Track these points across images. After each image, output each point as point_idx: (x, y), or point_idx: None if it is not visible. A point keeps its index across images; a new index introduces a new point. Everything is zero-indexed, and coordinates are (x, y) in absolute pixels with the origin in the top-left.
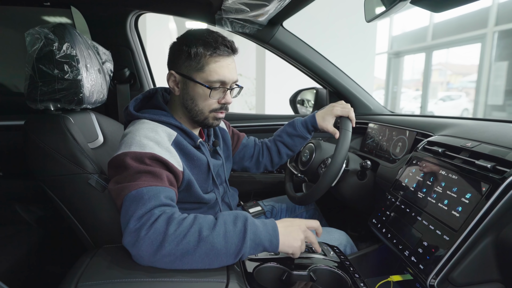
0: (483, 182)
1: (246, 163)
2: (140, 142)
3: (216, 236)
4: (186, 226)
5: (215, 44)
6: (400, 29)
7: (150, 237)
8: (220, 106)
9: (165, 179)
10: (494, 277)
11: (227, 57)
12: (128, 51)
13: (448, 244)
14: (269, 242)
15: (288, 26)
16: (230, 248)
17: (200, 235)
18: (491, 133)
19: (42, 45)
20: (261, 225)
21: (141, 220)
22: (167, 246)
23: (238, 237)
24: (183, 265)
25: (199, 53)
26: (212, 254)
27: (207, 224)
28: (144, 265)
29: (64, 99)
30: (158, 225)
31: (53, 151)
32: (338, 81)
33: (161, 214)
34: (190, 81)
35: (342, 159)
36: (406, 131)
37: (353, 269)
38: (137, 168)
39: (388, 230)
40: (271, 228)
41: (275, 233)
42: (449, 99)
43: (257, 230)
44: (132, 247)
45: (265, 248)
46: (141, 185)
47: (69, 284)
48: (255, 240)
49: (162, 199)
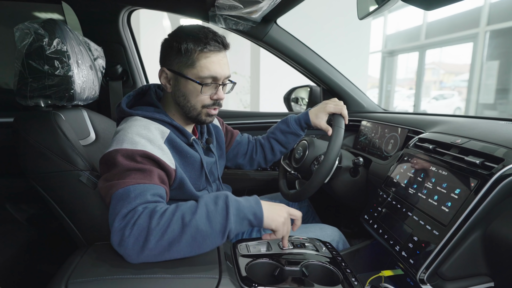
0: (472, 178)
1: (240, 160)
2: (132, 139)
3: (199, 218)
4: (169, 215)
5: (205, 39)
6: (394, 28)
7: (134, 235)
8: (213, 102)
9: (155, 176)
10: (482, 271)
11: (218, 52)
12: (121, 47)
13: (438, 239)
14: (253, 215)
15: (282, 24)
16: (216, 228)
17: (183, 221)
18: (480, 130)
19: (31, 40)
20: (243, 200)
21: (126, 219)
22: (152, 239)
23: (221, 215)
24: (172, 254)
25: (189, 49)
26: (199, 237)
27: (188, 209)
28: (135, 263)
29: (54, 95)
30: (141, 221)
31: (44, 148)
32: (332, 79)
33: (144, 210)
34: (181, 78)
35: (334, 156)
36: (398, 128)
37: (345, 264)
38: (127, 165)
39: (380, 226)
40: (254, 202)
41: (258, 206)
42: (442, 98)
43: (239, 205)
44: (118, 246)
45: (251, 222)
46: (128, 183)
47: (59, 282)
48: (239, 215)
49: (148, 197)
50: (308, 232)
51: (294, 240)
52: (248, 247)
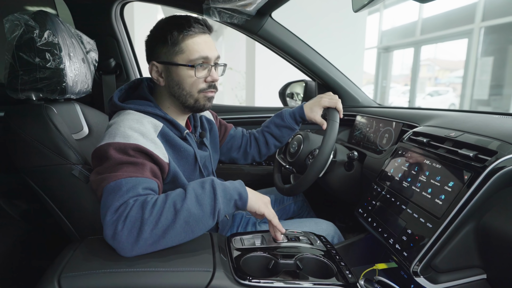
0: (465, 171)
1: (234, 154)
2: (125, 133)
3: (189, 203)
4: (160, 204)
5: (188, 23)
6: (390, 24)
7: (128, 227)
8: (208, 84)
9: (147, 170)
10: (475, 263)
11: (202, 34)
12: (114, 40)
13: (431, 232)
14: (238, 195)
15: (277, 18)
16: (206, 209)
17: (175, 208)
18: (474, 124)
19: (22, 32)
20: (228, 183)
21: (118, 212)
22: (147, 229)
23: (209, 197)
24: (167, 242)
25: (174, 36)
26: (191, 220)
27: (178, 196)
28: (128, 256)
29: (46, 88)
30: (133, 213)
31: (36, 142)
32: (327, 74)
33: (135, 202)
34: (172, 67)
35: (329, 150)
36: (392, 122)
37: (339, 257)
38: (119, 159)
39: (374, 219)
40: (239, 184)
41: (243, 188)
42: (437, 94)
43: (225, 187)
44: (112, 240)
45: (236, 202)
46: (120, 176)
47: (51, 276)
48: (225, 196)
49: (140, 190)
50: (303, 227)
51: (288, 234)
52: (242, 240)
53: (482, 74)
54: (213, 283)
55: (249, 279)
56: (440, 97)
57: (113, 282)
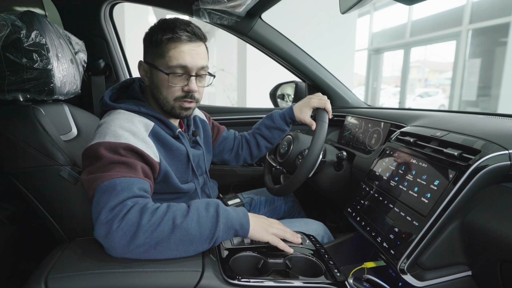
0: (450, 169)
1: (226, 155)
2: (115, 133)
3: (190, 222)
4: (160, 215)
5: (173, 29)
6: (380, 26)
7: (123, 229)
8: (185, 94)
9: (139, 170)
10: (460, 260)
11: (188, 42)
12: (103, 41)
13: (417, 230)
14: (240, 226)
15: (267, 19)
16: (204, 233)
17: (174, 223)
18: (459, 123)
19: (8, 32)
20: (232, 210)
21: (113, 212)
22: (141, 235)
23: (211, 222)
24: (157, 254)
25: (158, 39)
26: (186, 240)
27: (180, 211)
28: (117, 256)
29: (33, 89)
30: (131, 215)
31: (23, 143)
32: (317, 75)
33: (134, 205)
34: (153, 69)
35: (318, 150)
36: (381, 123)
37: (328, 256)
38: (111, 158)
39: (362, 218)
40: (242, 213)
41: (246, 218)
42: (427, 95)
43: (228, 215)
44: (104, 239)
45: (237, 231)
46: (114, 176)
47: (38, 277)
48: (227, 224)
49: (136, 191)
50: (293, 227)
51: None
52: (231, 240)
53: (470, 76)
54: (201, 283)
55: (238, 278)
56: (430, 98)
57: (101, 283)
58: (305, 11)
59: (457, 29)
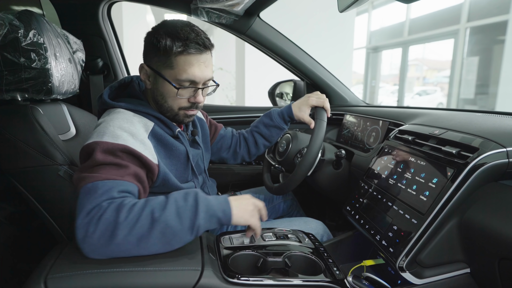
0: (449, 167)
1: (224, 154)
2: (114, 133)
3: (168, 214)
4: (138, 210)
5: (186, 41)
6: (378, 24)
7: (100, 229)
8: (190, 104)
9: (130, 173)
10: (458, 258)
11: (198, 55)
12: (101, 40)
13: (416, 227)
14: (222, 212)
15: (265, 18)
16: (185, 224)
17: (152, 217)
18: (457, 121)
19: (6, 32)
20: (213, 198)
21: (90, 215)
22: (120, 233)
23: (190, 211)
24: (140, 251)
25: (168, 49)
26: (168, 233)
27: (158, 205)
28: (99, 258)
29: (32, 88)
30: (108, 215)
31: (21, 142)
32: (315, 73)
33: (110, 204)
34: (159, 77)
35: (317, 149)
36: (379, 121)
37: (327, 254)
38: (102, 159)
39: (361, 216)
40: (223, 199)
41: (227, 204)
42: (425, 93)
43: (209, 203)
44: (82, 242)
45: (220, 219)
46: (97, 178)
47: (38, 277)
48: (208, 212)
49: (114, 194)
50: (292, 226)
51: (277, 232)
52: (231, 239)
53: (468, 74)
54: (201, 281)
55: (238, 277)
56: (428, 97)
57: (101, 283)
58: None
59: (455, 27)
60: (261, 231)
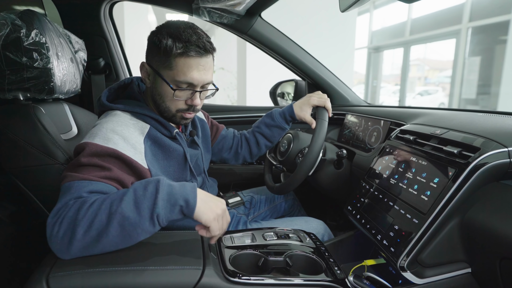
0: (450, 167)
1: (225, 154)
2: (106, 136)
3: (125, 205)
4: (97, 205)
5: (187, 43)
6: (380, 24)
7: (63, 229)
8: (187, 107)
9: (110, 176)
10: (460, 257)
11: (198, 58)
12: (103, 40)
13: (417, 227)
14: (185, 202)
15: (267, 17)
16: (144, 214)
17: (110, 210)
18: (459, 121)
19: (8, 31)
20: (178, 185)
21: (57, 214)
22: (80, 230)
23: (149, 200)
24: (103, 247)
25: (168, 50)
26: (126, 225)
27: (117, 197)
28: (66, 258)
29: (34, 88)
30: (70, 213)
31: (23, 142)
32: (317, 73)
33: (74, 203)
34: (158, 77)
35: (318, 148)
36: (380, 121)
37: (328, 254)
38: (87, 161)
39: (362, 216)
40: (190, 188)
41: (193, 194)
42: (427, 93)
43: (171, 190)
44: (49, 242)
45: (182, 208)
46: (75, 178)
47: (40, 275)
48: (169, 200)
49: (83, 193)
50: (293, 225)
51: (278, 231)
52: (232, 238)
53: (470, 74)
54: (202, 280)
55: (239, 276)
56: (429, 97)
57: (102, 281)
58: (305, 9)
59: (456, 27)
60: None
